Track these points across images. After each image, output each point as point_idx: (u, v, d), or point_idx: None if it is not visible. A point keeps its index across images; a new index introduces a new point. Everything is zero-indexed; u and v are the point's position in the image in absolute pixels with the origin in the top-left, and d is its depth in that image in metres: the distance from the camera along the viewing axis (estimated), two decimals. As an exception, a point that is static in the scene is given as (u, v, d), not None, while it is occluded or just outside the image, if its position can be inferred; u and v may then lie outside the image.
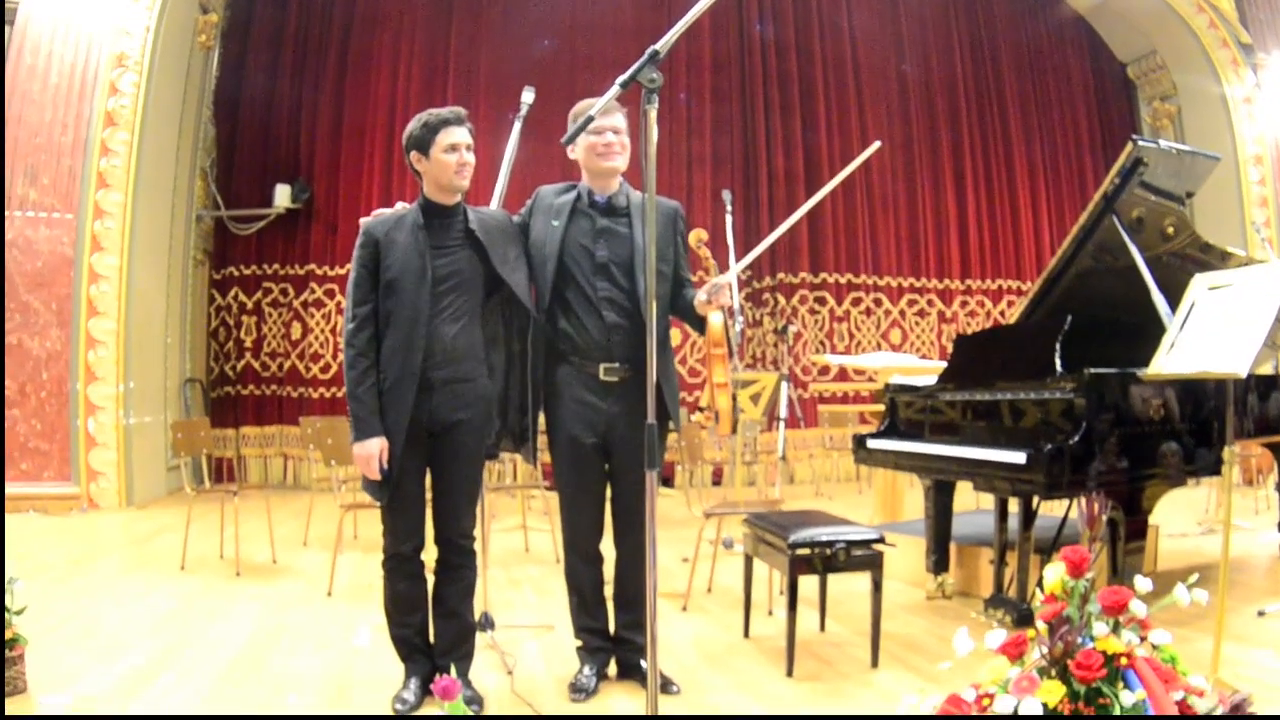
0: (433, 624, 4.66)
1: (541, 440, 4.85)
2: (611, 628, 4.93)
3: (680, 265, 4.86)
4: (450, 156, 4.42)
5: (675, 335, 11.99)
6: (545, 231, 4.75)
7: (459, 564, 4.62)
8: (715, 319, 4.56)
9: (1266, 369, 5.86)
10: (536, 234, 4.78)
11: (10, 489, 10.06)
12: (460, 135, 4.45)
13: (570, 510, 4.83)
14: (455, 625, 4.63)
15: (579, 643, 4.91)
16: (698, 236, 4.56)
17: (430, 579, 4.66)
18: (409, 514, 4.52)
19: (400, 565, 4.56)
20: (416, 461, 4.50)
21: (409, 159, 4.52)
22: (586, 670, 4.79)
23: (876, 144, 5.31)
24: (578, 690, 4.67)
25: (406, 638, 4.63)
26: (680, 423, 5.00)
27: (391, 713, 4.40)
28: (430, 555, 4.63)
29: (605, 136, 4.65)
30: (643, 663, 4.64)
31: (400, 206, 4.60)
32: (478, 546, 4.73)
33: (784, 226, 5.09)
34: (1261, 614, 5.75)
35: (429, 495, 4.63)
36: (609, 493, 4.83)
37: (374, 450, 4.34)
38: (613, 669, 4.94)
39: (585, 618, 4.87)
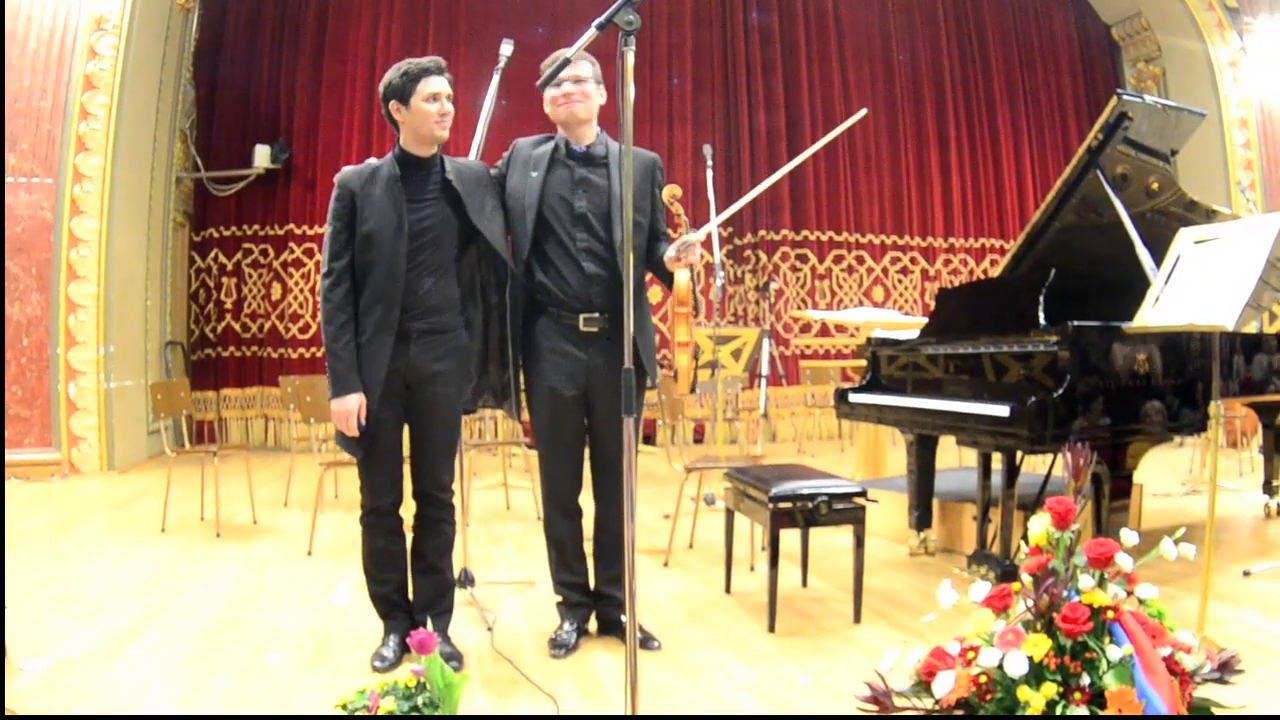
0: (411, 580, 4.63)
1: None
2: (592, 582, 4.90)
3: (656, 219, 4.79)
4: (431, 106, 4.37)
5: (655, 292, 11.96)
6: (523, 183, 4.69)
7: (437, 518, 4.59)
8: (682, 277, 4.49)
9: (1250, 329, 5.84)
10: (514, 185, 4.72)
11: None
12: (441, 84, 4.40)
13: (549, 463, 4.80)
14: (434, 580, 4.61)
15: (559, 598, 4.89)
16: (671, 193, 4.46)
17: (409, 536, 4.63)
18: (386, 468, 4.48)
19: (378, 521, 4.53)
20: (393, 415, 4.45)
21: (387, 109, 4.46)
22: (566, 626, 4.77)
23: (863, 111, 5.29)
24: (557, 646, 4.66)
25: (385, 594, 4.60)
26: (658, 378, 4.95)
27: (371, 670, 4.36)
28: (408, 511, 4.61)
29: (563, 86, 4.60)
30: (623, 618, 4.59)
31: (373, 160, 4.53)
32: (457, 502, 4.70)
33: (761, 187, 5.06)
34: (1247, 574, 5.75)
35: (406, 450, 4.59)
36: (589, 449, 4.80)
37: (352, 407, 4.30)
38: (593, 624, 4.93)
39: (565, 572, 4.84)
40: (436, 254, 4.44)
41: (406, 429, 4.58)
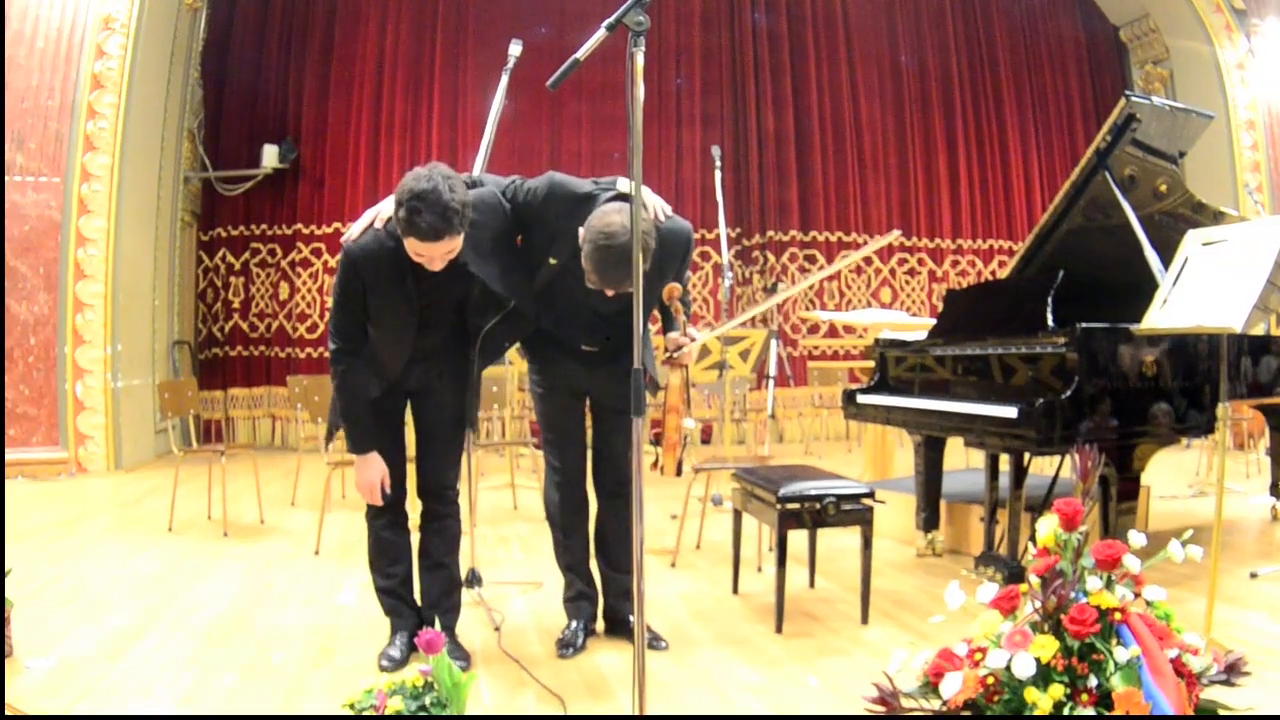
0: (418, 578, 4.63)
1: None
2: (595, 573, 4.91)
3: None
4: (417, 257, 4.01)
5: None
6: (541, 257, 4.46)
7: (443, 514, 4.60)
8: (675, 380, 4.42)
9: (1258, 331, 5.83)
10: (532, 254, 4.49)
11: (-2, 453, 10.01)
12: (425, 249, 3.93)
13: (553, 455, 4.80)
14: (442, 578, 4.59)
15: (567, 592, 4.87)
16: (670, 291, 4.30)
17: (414, 535, 4.64)
18: (391, 465, 4.44)
19: (383, 515, 4.53)
20: (397, 410, 4.48)
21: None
22: (573, 625, 4.77)
23: (896, 232, 5.23)
24: (565, 646, 4.66)
25: (391, 589, 4.58)
26: (660, 383, 4.90)
27: (379, 670, 4.35)
28: (414, 511, 4.61)
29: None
30: (631, 618, 4.56)
31: (381, 229, 4.20)
32: (464, 502, 4.70)
33: (789, 292, 5.04)
34: (1254, 576, 5.74)
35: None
36: (593, 452, 4.83)
37: (375, 478, 4.33)
38: (601, 624, 4.93)
39: (569, 555, 4.85)
40: (443, 314, 4.37)
41: (411, 429, 4.60)
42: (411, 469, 4.66)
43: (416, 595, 4.64)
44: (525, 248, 4.52)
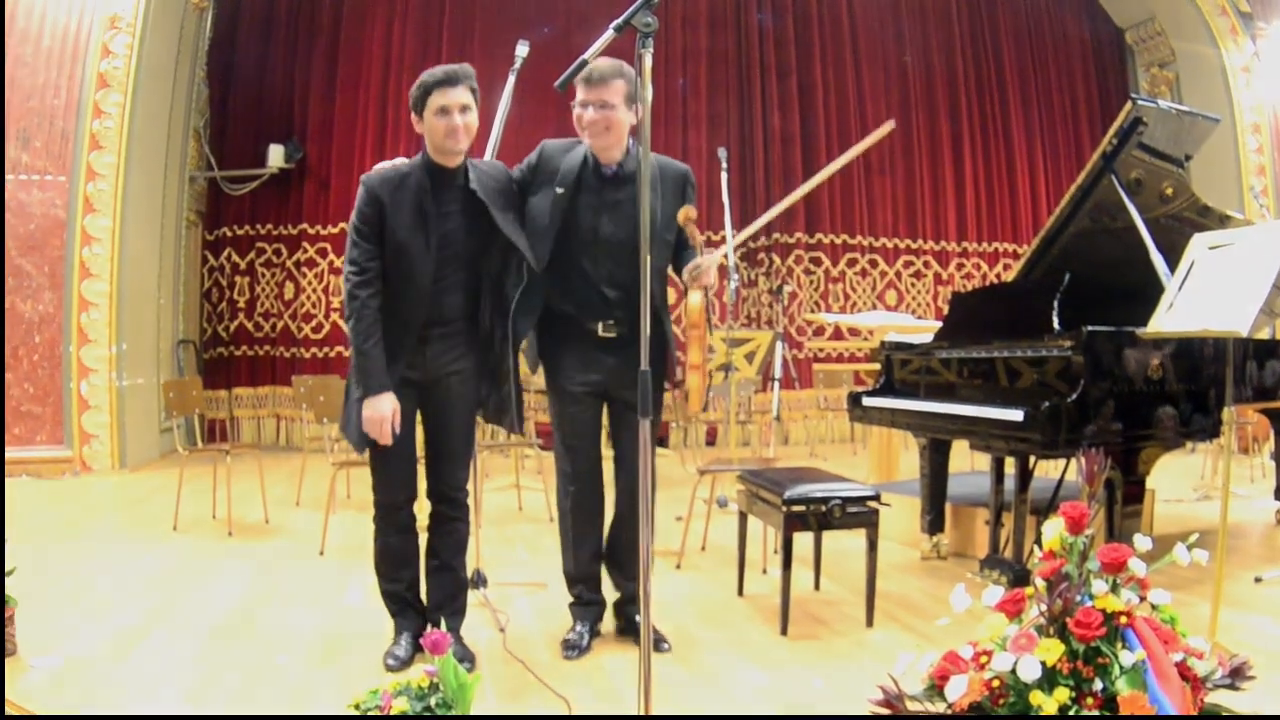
0: (424, 579, 4.64)
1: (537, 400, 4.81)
2: (606, 585, 4.90)
3: (684, 231, 4.64)
4: (440, 120, 4.23)
5: (670, 293, 11.96)
6: (546, 199, 4.57)
7: (453, 517, 4.61)
8: (695, 299, 4.45)
9: (1263, 335, 5.83)
10: (536, 200, 4.60)
11: (2, 452, 10.01)
12: (452, 96, 4.23)
13: (566, 460, 4.78)
14: (448, 579, 4.62)
15: (573, 597, 4.86)
16: (685, 214, 4.40)
17: (422, 536, 4.64)
18: (400, 465, 4.47)
19: (392, 518, 4.55)
20: (408, 411, 4.42)
21: (413, 120, 4.37)
22: (579, 627, 4.77)
23: (890, 124, 5.26)
24: (570, 648, 4.66)
25: (397, 593, 4.61)
26: (677, 375, 4.91)
27: (384, 669, 4.36)
28: (422, 511, 4.61)
29: (588, 111, 4.47)
30: (637, 618, 4.54)
31: (400, 162, 4.44)
32: (470, 502, 4.71)
33: (783, 205, 5.06)
34: (1259, 580, 5.74)
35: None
36: (613, 453, 4.79)
37: (386, 411, 4.26)
38: (609, 623, 4.94)
39: (579, 568, 4.83)
40: (459, 265, 4.40)
41: (420, 427, 4.60)
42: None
43: (421, 595, 4.66)
44: (534, 209, 4.60)
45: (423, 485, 4.65)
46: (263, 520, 7.85)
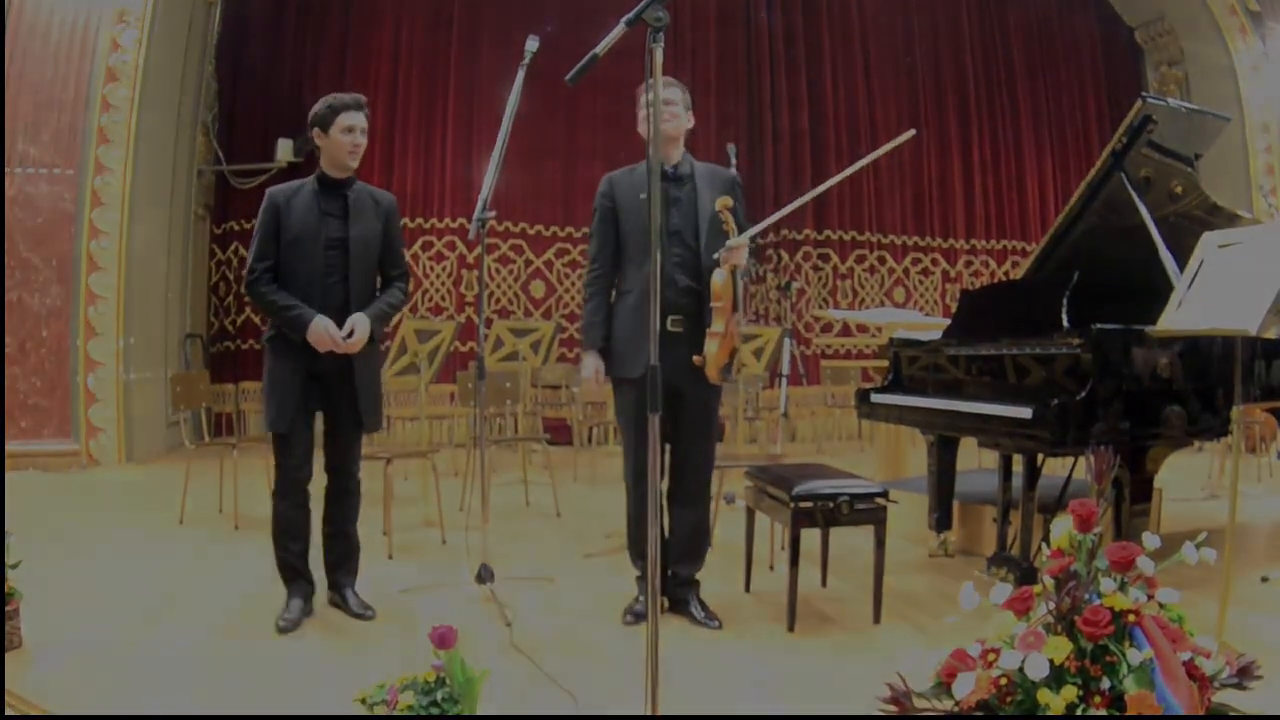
0: (322, 543, 5.28)
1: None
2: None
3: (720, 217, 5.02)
4: (345, 137, 5.00)
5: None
6: (636, 202, 5.02)
7: (346, 489, 5.31)
8: (719, 275, 4.68)
9: (1272, 334, 5.81)
10: (628, 209, 5.09)
11: (10, 447, 9.97)
12: (357, 120, 5.04)
13: (632, 449, 5.09)
14: (342, 543, 5.31)
15: (638, 571, 5.25)
16: (723, 203, 4.66)
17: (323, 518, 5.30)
18: (301, 447, 5.09)
19: (292, 493, 5.12)
20: (308, 401, 5.10)
21: (311, 135, 5.07)
22: (642, 598, 5.08)
23: (910, 132, 5.32)
24: (631, 614, 5.12)
25: (289, 562, 5.14)
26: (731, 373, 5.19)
27: (277, 631, 4.83)
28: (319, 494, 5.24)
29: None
30: (690, 599, 5.17)
31: (301, 181, 5.16)
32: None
33: (795, 204, 5.17)
34: (1265, 580, 5.72)
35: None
36: (668, 453, 5.15)
37: (322, 330, 4.90)
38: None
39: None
40: (346, 260, 5.06)
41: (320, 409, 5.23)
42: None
43: (309, 564, 5.22)
44: (630, 214, 5.13)
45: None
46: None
